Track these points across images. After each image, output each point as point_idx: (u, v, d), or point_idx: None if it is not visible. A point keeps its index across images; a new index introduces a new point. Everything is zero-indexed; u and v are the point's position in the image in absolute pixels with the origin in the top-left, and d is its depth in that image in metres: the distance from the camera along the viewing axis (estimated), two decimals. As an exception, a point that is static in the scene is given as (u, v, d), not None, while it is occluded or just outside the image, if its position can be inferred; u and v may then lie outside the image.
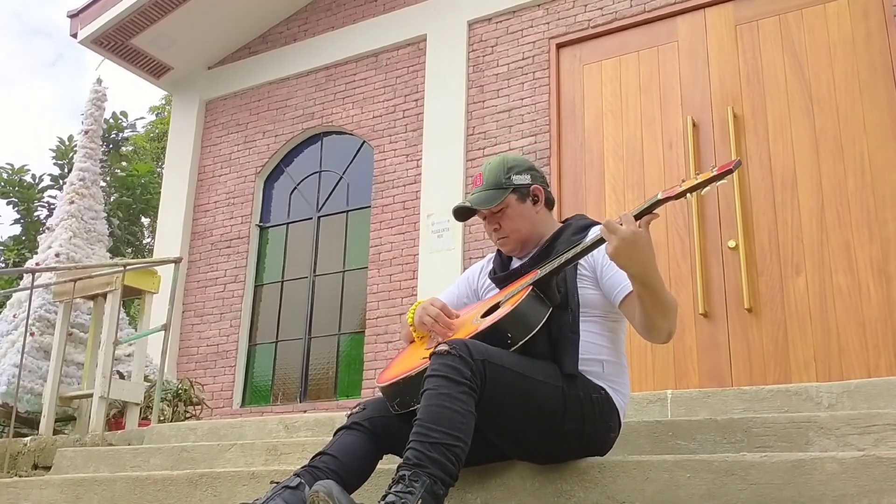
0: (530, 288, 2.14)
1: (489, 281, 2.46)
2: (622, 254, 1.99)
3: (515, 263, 2.42)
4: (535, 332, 2.09)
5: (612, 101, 5.52)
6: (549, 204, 2.44)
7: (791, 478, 1.88)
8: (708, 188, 1.97)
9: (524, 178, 2.39)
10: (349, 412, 2.25)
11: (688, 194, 1.99)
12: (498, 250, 2.51)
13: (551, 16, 5.88)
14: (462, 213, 2.40)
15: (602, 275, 2.24)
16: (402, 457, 1.91)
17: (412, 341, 2.42)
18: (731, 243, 4.84)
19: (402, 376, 2.14)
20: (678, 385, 4.68)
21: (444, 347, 1.99)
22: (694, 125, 5.13)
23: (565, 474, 2.12)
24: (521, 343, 2.08)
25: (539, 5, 5.95)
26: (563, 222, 2.43)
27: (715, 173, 1.95)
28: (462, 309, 2.42)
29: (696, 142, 5.10)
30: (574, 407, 2.10)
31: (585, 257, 2.23)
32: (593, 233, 2.25)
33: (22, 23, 44.79)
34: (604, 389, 2.19)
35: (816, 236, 4.69)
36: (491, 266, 2.50)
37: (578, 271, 2.25)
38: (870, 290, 4.48)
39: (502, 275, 2.39)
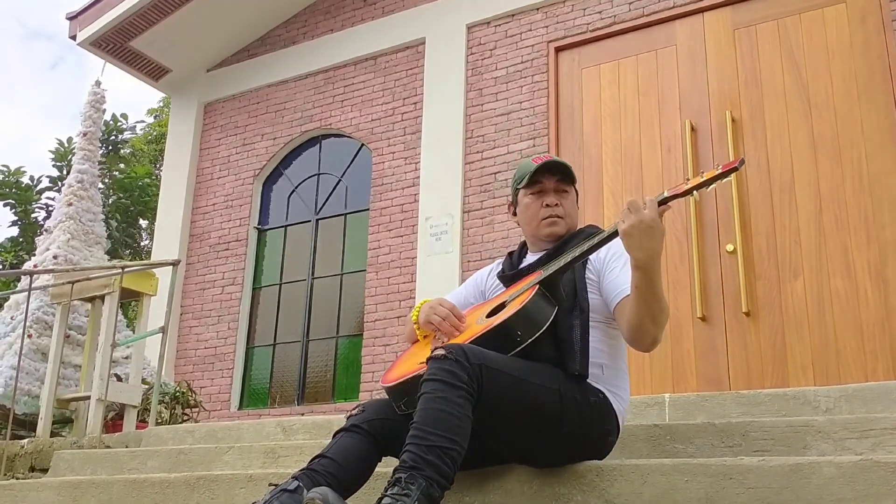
0: (537, 287, 2.15)
1: (497, 281, 2.48)
2: (635, 234, 1.97)
3: (525, 265, 2.43)
4: (543, 329, 2.10)
5: (611, 105, 5.53)
6: None
7: (789, 482, 1.89)
8: (713, 185, 1.98)
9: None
10: (348, 414, 2.25)
11: (694, 192, 2.00)
12: (509, 255, 2.54)
13: (550, 19, 5.89)
14: (551, 169, 2.42)
15: (605, 275, 2.25)
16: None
17: (415, 341, 2.42)
18: (729, 247, 4.84)
19: (408, 376, 2.14)
20: (676, 389, 4.68)
21: (440, 352, 1.99)
22: (692, 129, 5.14)
23: (563, 478, 2.12)
24: (530, 341, 2.09)
25: (538, 9, 5.96)
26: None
27: (720, 171, 1.95)
28: (468, 309, 2.44)
29: (694, 145, 5.11)
30: (571, 410, 2.10)
31: (591, 260, 2.25)
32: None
33: (23, 26, 44.81)
34: (602, 393, 2.19)
35: (814, 240, 4.70)
36: (500, 268, 2.52)
37: (586, 275, 2.26)
38: (867, 294, 4.49)
39: (510, 273, 2.41)
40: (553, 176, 2.41)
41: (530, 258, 2.46)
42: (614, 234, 2.07)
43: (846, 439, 2.30)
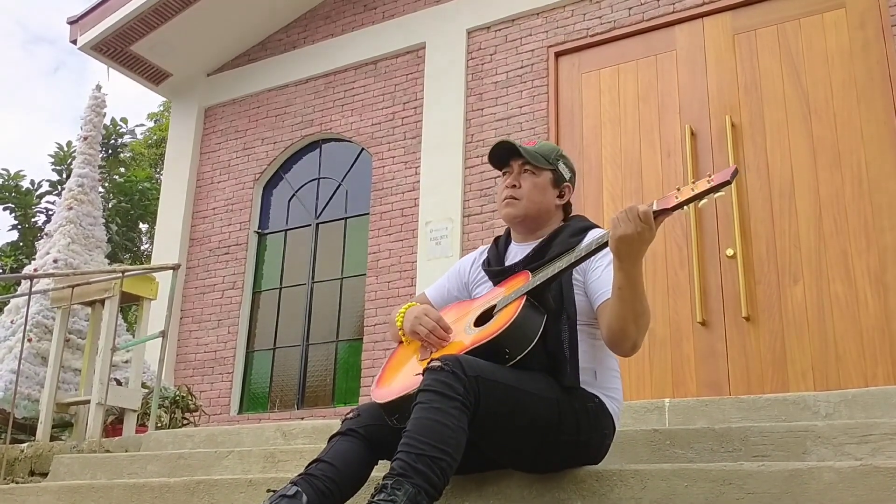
0: (524, 298, 2.12)
1: (482, 272, 2.45)
2: (626, 242, 1.97)
3: (510, 258, 2.41)
4: (532, 345, 2.08)
5: (611, 110, 5.53)
6: (567, 209, 2.48)
7: (788, 487, 1.89)
8: (705, 200, 1.92)
9: (566, 172, 2.46)
10: (343, 418, 2.25)
11: (684, 207, 1.95)
12: (494, 241, 2.51)
13: (550, 24, 5.90)
14: (501, 153, 2.42)
15: (590, 276, 2.23)
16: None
17: (401, 341, 2.41)
18: (729, 252, 4.85)
19: (401, 394, 2.12)
20: (676, 394, 4.68)
21: (437, 363, 1.98)
22: (692, 134, 5.14)
23: (563, 483, 2.12)
24: (518, 358, 2.07)
25: (538, 14, 5.97)
26: (563, 221, 2.44)
27: (711, 185, 1.89)
28: (451, 306, 2.41)
29: (694, 150, 5.12)
30: (569, 418, 2.10)
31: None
32: (590, 237, 2.26)
33: (25, 30, 44.87)
34: (598, 398, 2.18)
35: (814, 245, 4.70)
36: (485, 257, 2.49)
37: (573, 277, 2.25)
38: (867, 299, 4.49)
39: (497, 269, 2.38)
40: (518, 158, 2.41)
41: (515, 248, 2.43)
42: (605, 245, 2.06)
43: (846, 444, 2.30)
